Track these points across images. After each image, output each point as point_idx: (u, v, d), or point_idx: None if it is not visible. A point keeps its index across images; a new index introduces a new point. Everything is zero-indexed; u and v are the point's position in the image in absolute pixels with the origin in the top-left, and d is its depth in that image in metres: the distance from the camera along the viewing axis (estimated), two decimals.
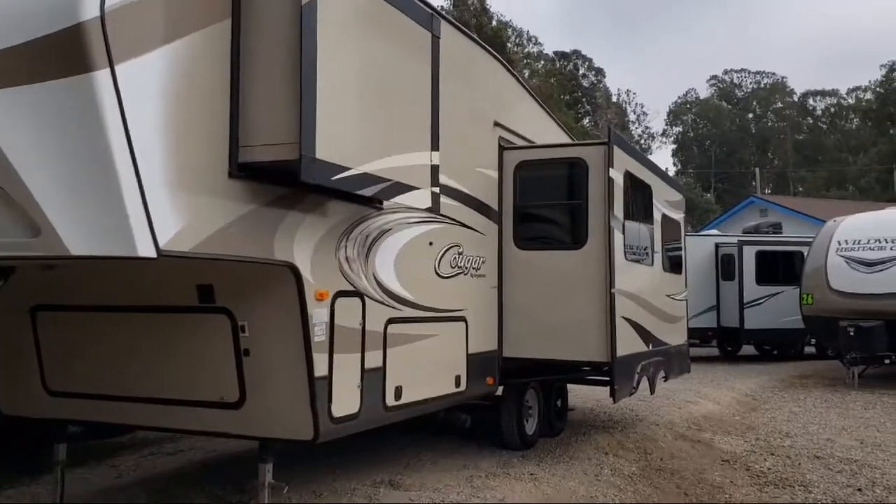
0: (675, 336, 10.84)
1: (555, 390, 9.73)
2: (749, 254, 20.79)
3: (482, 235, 8.11)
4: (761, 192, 52.07)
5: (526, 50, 70.38)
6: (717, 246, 21.58)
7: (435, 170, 6.01)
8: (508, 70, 8.90)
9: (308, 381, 5.36)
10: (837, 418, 12.41)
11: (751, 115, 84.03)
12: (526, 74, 65.61)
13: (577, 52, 76.23)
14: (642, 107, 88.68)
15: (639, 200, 9.34)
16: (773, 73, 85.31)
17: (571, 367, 8.61)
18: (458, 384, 7.48)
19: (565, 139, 10.88)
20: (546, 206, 8.76)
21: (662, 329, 10.11)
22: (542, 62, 70.96)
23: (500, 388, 8.69)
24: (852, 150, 72.90)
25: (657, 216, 10.01)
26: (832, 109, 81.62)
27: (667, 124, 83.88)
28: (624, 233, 8.51)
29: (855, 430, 11.52)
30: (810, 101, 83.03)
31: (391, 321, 6.38)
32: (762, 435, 11.05)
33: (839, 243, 16.68)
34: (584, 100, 74.75)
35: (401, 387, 6.48)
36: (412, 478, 7.56)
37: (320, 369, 5.44)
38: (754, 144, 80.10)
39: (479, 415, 8.74)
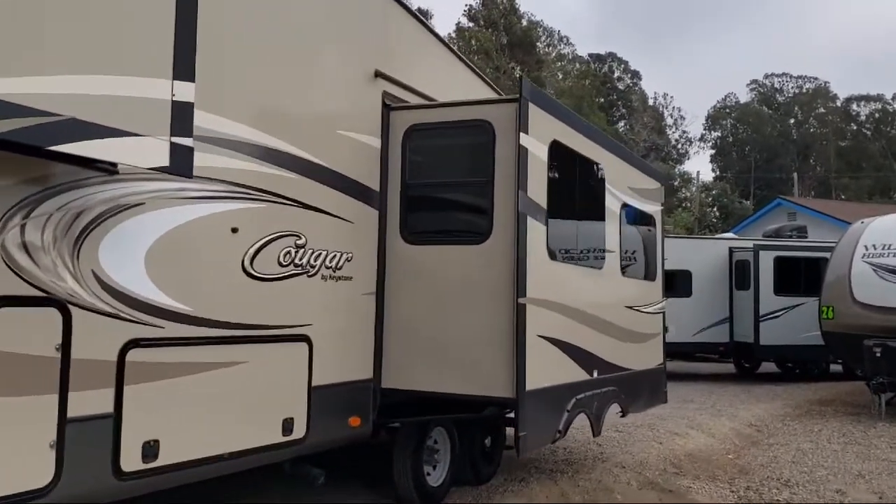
0: (640, 358, 8.59)
1: (481, 427, 7.54)
2: (766, 260, 18.38)
3: (347, 223, 5.96)
4: (802, 199, 49.24)
5: (558, 50, 68.53)
6: (731, 251, 19.20)
7: (182, 109, 3.87)
8: (400, 3, 6.72)
9: None
10: (855, 460, 10.04)
11: (792, 121, 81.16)
12: (559, 77, 63.68)
13: (612, 55, 74.61)
14: (680, 111, 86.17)
15: (578, 182, 7.14)
16: (816, 78, 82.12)
17: (471, 403, 6.40)
18: (288, 430, 5.33)
19: None
20: (444, 185, 6.60)
21: (618, 350, 7.87)
22: (577, 64, 69.15)
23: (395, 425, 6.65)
24: None
25: (612, 205, 7.77)
26: (877, 115, 78.45)
27: (705, 129, 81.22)
28: (547, 223, 6.33)
29: (875, 477, 9.17)
30: (854, 106, 79.90)
31: (137, 344, 4.26)
32: (755, 482, 8.77)
33: (866, 248, 14.30)
34: (619, 103, 72.81)
35: (157, 441, 4.35)
36: None
37: None
38: (795, 150, 77.26)
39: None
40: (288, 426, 5.33)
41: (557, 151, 6.58)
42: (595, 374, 7.25)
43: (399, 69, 6.58)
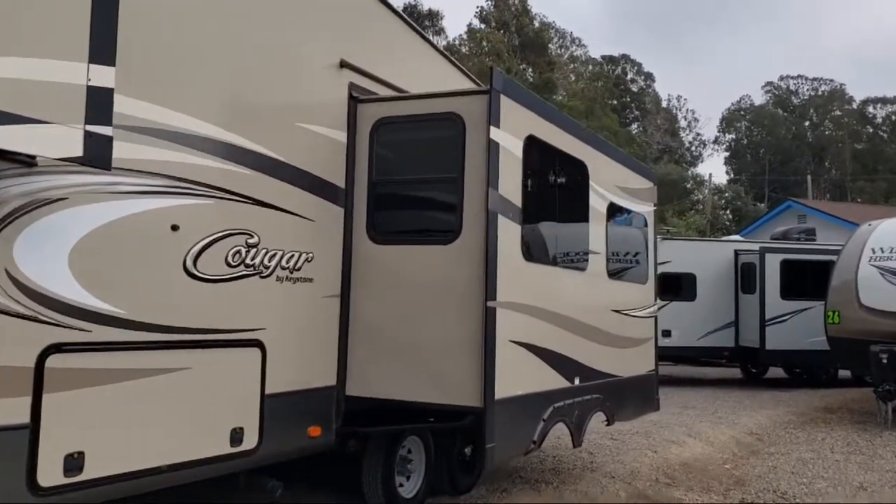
0: (628, 364, 8.23)
1: (460, 435, 7.21)
2: (773, 263, 17.91)
3: (308, 222, 5.65)
4: (813, 201, 48.72)
5: (570, 52, 68.36)
6: (736, 253, 18.76)
7: (99, 95, 3.56)
8: None
9: None
10: (857, 471, 9.65)
11: (807, 123, 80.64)
12: (572, 78, 63.30)
13: (625, 57, 74.54)
14: (693, 113, 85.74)
15: (558, 180, 6.81)
16: (832, 80, 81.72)
17: (440, 412, 6.06)
18: (237, 441, 5.02)
19: None
20: (413, 182, 6.29)
21: (603, 356, 7.53)
22: (590, 66, 68.99)
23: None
24: None
25: (597, 205, 7.43)
26: (893, 117, 77.96)
27: (719, 131, 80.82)
28: (522, 222, 5.99)
29: (877, 489, 8.79)
30: (870, 108, 79.39)
31: (59, 349, 3.96)
32: (751, 494, 8.41)
33: (873, 251, 13.85)
34: (632, 105, 72.57)
35: (81, 454, 4.05)
36: None
37: None
38: (811, 153, 76.66)
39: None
40: (237, 436, 5.01)
41: (534, 147, 6.25)
42: (576, 382, 6.91)
43: (368, 59, 6.26)
